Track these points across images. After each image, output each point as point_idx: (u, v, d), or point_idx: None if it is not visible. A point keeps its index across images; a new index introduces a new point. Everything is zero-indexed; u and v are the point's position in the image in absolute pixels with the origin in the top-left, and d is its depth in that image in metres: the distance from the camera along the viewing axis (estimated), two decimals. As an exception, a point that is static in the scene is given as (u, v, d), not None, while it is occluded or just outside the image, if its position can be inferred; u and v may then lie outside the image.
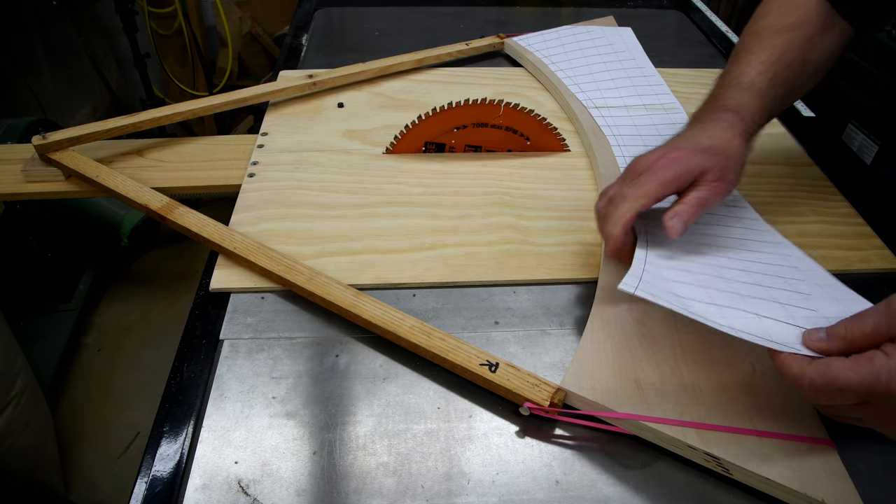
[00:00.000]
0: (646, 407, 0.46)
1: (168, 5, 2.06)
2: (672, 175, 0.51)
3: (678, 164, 0.51)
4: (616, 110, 0.80)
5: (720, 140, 0.53)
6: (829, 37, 0.60)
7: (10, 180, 0.70)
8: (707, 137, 0.53)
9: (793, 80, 0.58)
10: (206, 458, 0.44)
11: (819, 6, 0.59)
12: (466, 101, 0.70)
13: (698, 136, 0.54)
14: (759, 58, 0.58)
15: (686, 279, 0.50)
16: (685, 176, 0.51)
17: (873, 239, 0.65)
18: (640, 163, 0.53)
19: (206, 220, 0.61)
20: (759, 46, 0.59)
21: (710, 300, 0.47)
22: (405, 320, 0.51)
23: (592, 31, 0.98)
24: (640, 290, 0.46)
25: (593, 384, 0.47)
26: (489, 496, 0.43)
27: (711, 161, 0.52)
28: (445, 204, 0.67)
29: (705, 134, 0.54)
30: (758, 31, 0.61)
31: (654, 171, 0.51)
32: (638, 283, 0.46)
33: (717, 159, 0.52)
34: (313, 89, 0.85)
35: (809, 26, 0.59)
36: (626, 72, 0.88)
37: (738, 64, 0.59)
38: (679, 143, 0.54)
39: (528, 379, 0.47)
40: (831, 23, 0.60)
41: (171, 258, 1.95)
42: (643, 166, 0.52)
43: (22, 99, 1.69)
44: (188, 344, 0.53)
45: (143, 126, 0.74)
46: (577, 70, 0.89)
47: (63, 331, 1.61)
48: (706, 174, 0.52)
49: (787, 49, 0.58)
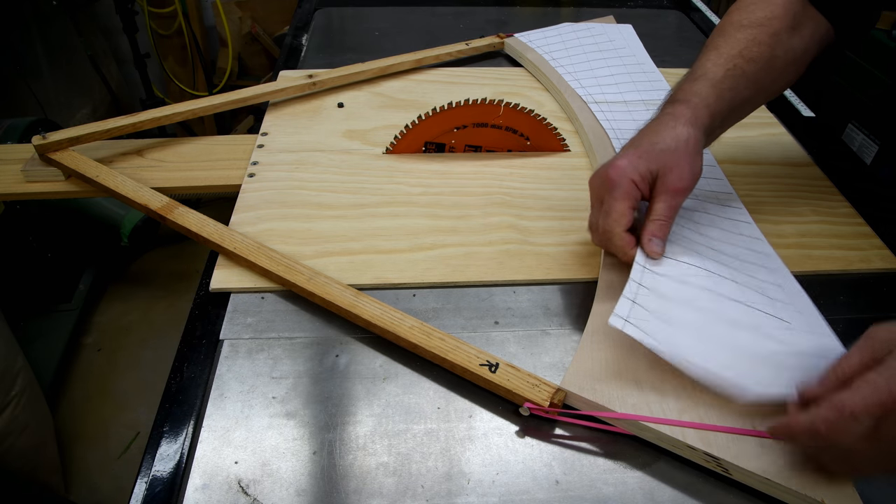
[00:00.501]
0: (646, 407, 0.46)
1: (168, 5, 2.06)
2: (626, 189, 0.51)
3: (626, 176, 0.51)
4: (616, 105, 0.80)
5: (664, 135, 0.53)
6: (800, 34, 0.59)
7: (10, 180, 0.70)
8: (653, 135, 0.53)
9: (757, 73, 0.57)
10: (206, 458, 0.44)
11: (787, 4, 0.59)
12: (466, 101, 0.70)
13: (645, 136, 0.54)
14: (719, 52, 0.58)
15: (680, 294, 0.50)
16: (640, 182, 0.51)
17: (873, 239, 0.65)
18: (594, 180, 0.54)
19: (206, 220, 0.61)
20: (722, 41, 0.58)
21: (700, 331, 0.48)
22: (405, 320, 0.51)
23: (593, 27, 0.98)
24: (628, 327, 0.47)
25: (593, 384, 0.47)
26: (489, 496, 0.43)
27: (658, 161, 0.52)
28: (445, 204, 0.67)
29: (651, 132, 0.54)
30: (723, 27, 0.60)
31: (610, 190, 0.52)
32: (626, 318, 0.47)
33: (663, 157, 0.52)
34: (313, 89, 0.85)
35: (777, 22, 0.58)
36: (626, 68, 0.89)
37: (697, 61, 0.59)
38: (627, 148, 0.54)
39: (528, 379, 0.47)
40: (801, 20, 0.59)
41: (171, 258, 1.95)
42: (598, 183, 0.53)
43: (22, 99, 1.69)
44: (188, 344, 0.53)
45: (143, 126, 0.74)
46: (577, 66, 0.89)
47: (63, 331, 1.61)
48: (659, 176, 0.52)
49: (750, 43, 0.57)
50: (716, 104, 0.55)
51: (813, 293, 0.59)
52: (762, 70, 0.57)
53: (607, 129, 0.76)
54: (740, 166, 0.73)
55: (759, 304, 0.51)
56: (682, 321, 0.48)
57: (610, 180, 0.52)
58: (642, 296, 0.50)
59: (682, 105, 0.55)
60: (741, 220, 0.62)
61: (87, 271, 1.77)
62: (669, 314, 0.48)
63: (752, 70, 0.57)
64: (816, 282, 0.60)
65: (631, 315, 0.48)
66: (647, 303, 0.49)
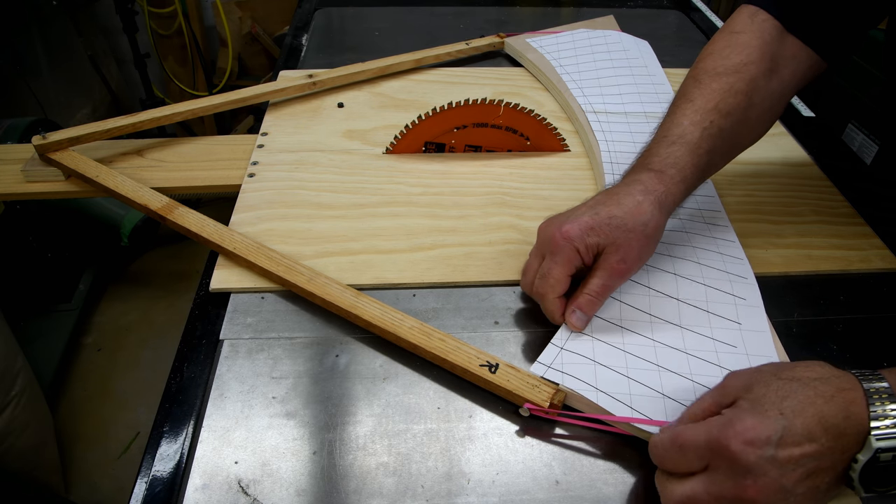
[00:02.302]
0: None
1: (168, 5, 2.06)
2: (568, 256, 0.49)
3: (571, 244, 0.49)
4: (615, 116, 0.79)
5: (626, 209, 0.50)
6: (779, 77, 0.57)
7: (10, 180, 0.70)
8: (612, 205, 0.50)
9: (734, 127, 0.55)
10: (206, 458, 0.44)
11: (764, 46, 0.56)
12: (466, 101, 0.70)
13: (606, 204, 0.51)
14: (695, 105, 0.54)
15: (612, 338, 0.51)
16: (584, 253, 0.50)
17: (873, 239, 0.65)
18: (543, 234, 0.52)
19: (206, 220, 0.61)
20: (697, 93, 0.55)
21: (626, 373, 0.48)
22: (405, 321, 0.51)
23: (609, 34, 0.97)
24: (549, 372, 0.48)
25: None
26: (489, 496, 0.43)
27: (609, 236, 0.49)
28: (445, 204, 0.67)
29: (614, 202, 0.51)
30: (696, 75, 0.57)
31: (554, 253, 0.50)
32: (549, 365, 0.49)
33: (615, 233, 0.49)
34: (313, 89, 0.85)
35: (753, 68, 0.55)
36: (633, 78, 0.86)
37: (672, 115, 0.55)
38: (583, 211, 0.51)
39: (528, 380, 0.47)
40: (779, 61, 0.56)
41: (171, 258, 1.95)
42: (544, 238, 0.52)
43: (22, 99, 1.69)
44: (188, 344, 0.53)
45: (143, 126, 0.74)
46: (583, 74, 0.88)
47: (63, 331, 1.61)
48: (605, 251, 0.50)
49: (726, 95, 0.54)
50: (692, 175, 0.53)
51: (813, 293, 0.59)
52: (739, 123, 0.55)
53: (600, 139, 0.74)
54: (740, 166, 0.73)
55: (700, 352, 0.50)
56: (611, 364, 0.49)
57: (555, 243, 0.50)
58: (573, 341, 0.51)
59: (656, 178, 0.52)
60: (723, 239, 0.60)
61: (87, 271, 1.77)
62: (598, 357, 0.49)
63: (729, 125, 0.54)
64: (816, 282, 0.60)
65: (555, 362, 0.49)
66: (576, 346, 0.50)
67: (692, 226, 0.62)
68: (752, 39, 0.56)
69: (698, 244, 0.60)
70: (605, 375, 0.48)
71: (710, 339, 0.51)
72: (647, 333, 0.51)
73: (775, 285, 0.58)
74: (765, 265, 0.60)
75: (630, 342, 0.51)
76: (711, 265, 0.57)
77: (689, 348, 0.50)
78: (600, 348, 0.50)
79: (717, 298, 0.54)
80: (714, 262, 0.57)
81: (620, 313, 0.53)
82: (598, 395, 0.46)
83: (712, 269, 0.57)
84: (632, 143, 0.74)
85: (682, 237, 0.60)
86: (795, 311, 0.57)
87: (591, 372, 0.48)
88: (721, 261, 0.58)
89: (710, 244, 0.60)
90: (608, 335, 0.51)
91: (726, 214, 0.64)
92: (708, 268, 0.57)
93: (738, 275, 0.56)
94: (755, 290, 0.55)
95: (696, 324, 0.52)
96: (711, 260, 0.58)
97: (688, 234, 0.61)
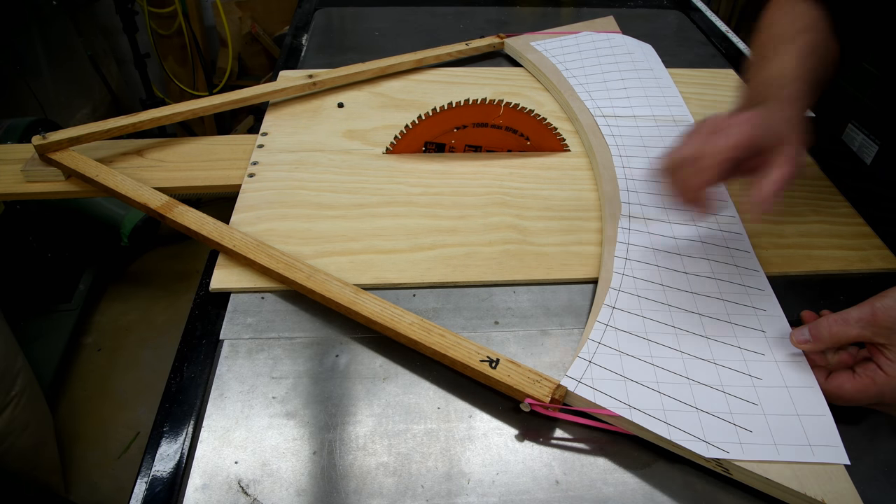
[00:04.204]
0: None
1: (168, 5, 2.06)
2: (755, 132, 0.46)
3: (759, 123, 0.47)
4: (624, 120, 0.79)
5: (782, 116, 0.49)
6: (834, 45, 0.59)
7: (10, 180, 0.70)
8: (771, 111, 0.49)
9: (821, 67, 0.56)
10: (206, 458, 0.44)
11: (821, 20, 0.59)
12: (466, 101, 0.70)
13: (761, 111, 0.49)
14: (790, 51, 0.55)
15: (641, 352, 0.50)
16: (767, 135, 0.47)
17: (873, 239, 0.65)
18: (710, 122, 0.49)
19: (206, 219, 0.61)
20: (784, 48, 0.56)
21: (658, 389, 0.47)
22: (405, 317, 0.51)
23: (614, 38, 0.97)
24: (580, 388, 0.47)
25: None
26: (489, 496, 0.43)
27: (787, 128, 0.48)
28: (445, 204, 0.67)
29: (766, 110, 0.49)
30: (774, 35, 0.58)
31: (739, 124, 0.47)
32: (580, 380, 0.48)
33: (782, 129, 0.48)
34: (313, 89, 0.85)
35: (821, 27, 0.58)
36: (640, 81, 0.87)
37: (767, 63, 0.55)
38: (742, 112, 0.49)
39: (528, 375, 0.47)
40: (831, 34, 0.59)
41: (171, 258, 1.95)
42: (715, 126, 0.48)
43: (22, 99, 1.69)
44: (188, 344, 0.53)
45: (143, 126, 0.74)
46: (589, 77, 0.88)
47: (63, 331, 1.61)
48: (779, 145, 0.47)
49: (811, 42, 0.56)
50: (807, 102, 0.53)
51: (813, 293, 0.59)
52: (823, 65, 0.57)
53: (610, 143, 0.74)
54: (740, 166, 0.73)
55: (728, 362, 0.50)
56: (641, 379, 0.48)
57: (741, 119, 0.47)
58: (600, 355, 0.50)
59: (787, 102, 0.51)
60: (745, 268, 0.59)
61: (86, 271, 1.77)
62: (627, 372, 0.48)
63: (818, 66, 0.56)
64: (816, 282, 0.60)
65: (585, 376, 0.48)
66: (605, 361, 0.49)
67: (707, 234, 0.62)
68: (807, 10, 0.59)
69: (713, 256, 0.59)
70: (636, 391, 0.47)
71: (738, 349, 0.50)
72: (674, 345, 0.51)
73: (775, 285, 0.57)
74: (765, 265, 0.60)
75: (657, 355, 0.50)
76: (728, 279, 0.57)
77: (717, 358, 0.49)
78: (629, 363, 0.49)
79: (737, 311, 0.54)
80: (731, 276, 0.57)
81: (644, 326, 0.52)
82: (631, 412, 0.45)
83: (730, 283, 0.56)
84: (642, 147, 0.74)
85: (699, 249, 0.60)
86: (795, 311, 0.57)
87: (623, 388, 0.47)
88: (738, 275, 0.57)
89: (725, 256, 0.59)
90: (635, 348, 0.50)
91: (740, 219, 0.64)
92: (725, 283, 0.56)
93: (755, 287, 0.56)
94: (774, 300, 0.55)
95: (721, 334, 0.51)
96: (728, 274, 0.57)
97: (703, 244, 0.60)
